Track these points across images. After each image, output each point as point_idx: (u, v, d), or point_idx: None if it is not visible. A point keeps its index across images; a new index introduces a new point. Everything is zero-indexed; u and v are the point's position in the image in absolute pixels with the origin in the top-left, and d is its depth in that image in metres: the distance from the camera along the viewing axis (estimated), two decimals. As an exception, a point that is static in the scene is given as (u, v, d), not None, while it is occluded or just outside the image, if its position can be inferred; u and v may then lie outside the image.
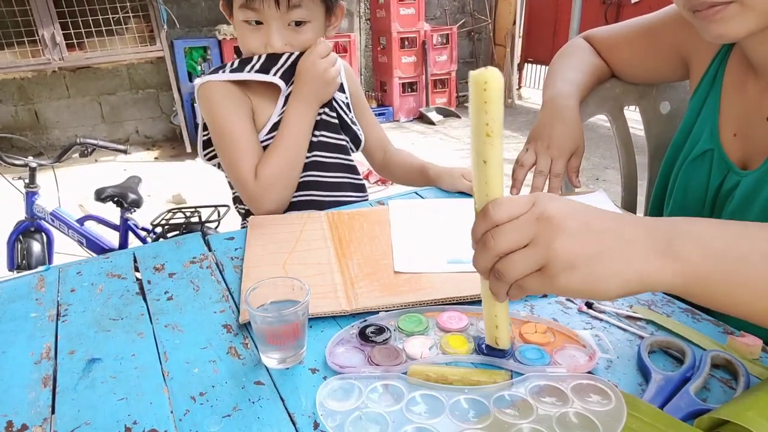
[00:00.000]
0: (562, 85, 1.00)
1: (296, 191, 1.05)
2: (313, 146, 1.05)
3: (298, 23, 0.97)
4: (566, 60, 1.07)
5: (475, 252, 0.49)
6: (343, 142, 1.10)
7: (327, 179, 1.08)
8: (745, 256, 0.44)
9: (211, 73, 1.02)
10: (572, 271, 0.44)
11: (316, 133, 1.05)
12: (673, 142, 0.96)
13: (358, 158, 1.18)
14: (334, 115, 1.08)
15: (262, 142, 1.03)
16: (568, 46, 1.12)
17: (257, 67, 0.99)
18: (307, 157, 1.05)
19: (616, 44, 1.07)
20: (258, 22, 0.97)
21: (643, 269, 0.44)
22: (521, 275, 0.46)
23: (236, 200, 1.15)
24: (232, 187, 1.13)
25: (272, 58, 0.99)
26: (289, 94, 1.02)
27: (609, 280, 0.44)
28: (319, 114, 1.05)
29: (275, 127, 1.02)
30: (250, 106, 1.03)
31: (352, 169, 1.12)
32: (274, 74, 1.00)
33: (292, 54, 1.00)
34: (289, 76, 1.01)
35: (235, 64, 1.01)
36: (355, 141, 1.14)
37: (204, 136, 1.09)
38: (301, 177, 1.05)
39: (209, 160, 1.12)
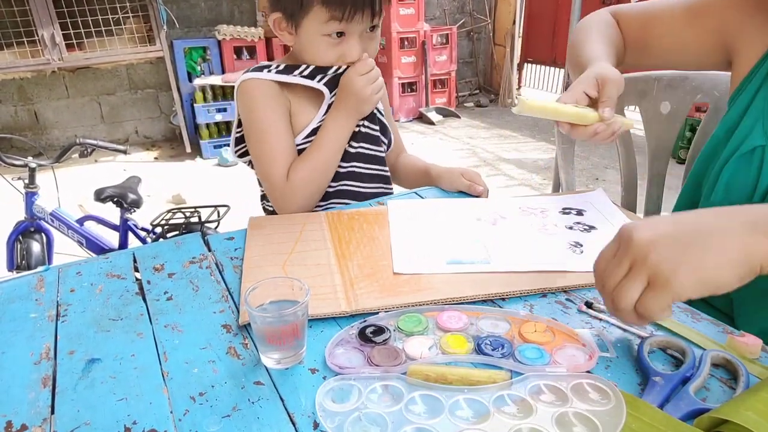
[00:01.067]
0: (597, 56, 0.91)
1: (333, 199, 1.06)
2: (352, 157, 1.05)
3: (373, 28, 0.97)
4: (592, 34, 0.99)
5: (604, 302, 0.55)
6: (382, 154, 1.11)
7: (364, 190, 1.09)
8: None
9: (254, 71, 1.02)
10: (680, 271, 0.45)
11: (355, 144, 1.05)
12: (713, 136, 0.90)
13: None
14: (376, 127, 1.09)
15: (298, 145, 1.03)
16: (592, 19, 1.04)
17: (305, 73, 1.00)
18: (345, 168, 1.05)
19: (651, 20, 0.98)
20: (339, 34, 0.95)
21: (743, 246, 0.45)
22: (634, 299, 0.48)
23: (264, 197, 1.15)
24: (261, 184, 1.13)
25: (320, 68, 1.00)
26: (332, 103, 1.02)
27: (718, 264, 0.45)
28: (360, 126, 1.05)
29: (314, 132, 1.03)
30: (289, 108, 1.03)
31: (387, 180, 1.13)
32: (319, 81, 1.00)
33: (340, 66, 1.00)
34: (333, 85, 1.01)
35: (281, 67, 1.01)
36: (389, 142, 1.15)
37: (237, 132, 1.09)
38: (338, 186, 1.06)
39: (240, 156, 1.12)
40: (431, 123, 5.17)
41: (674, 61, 1.01)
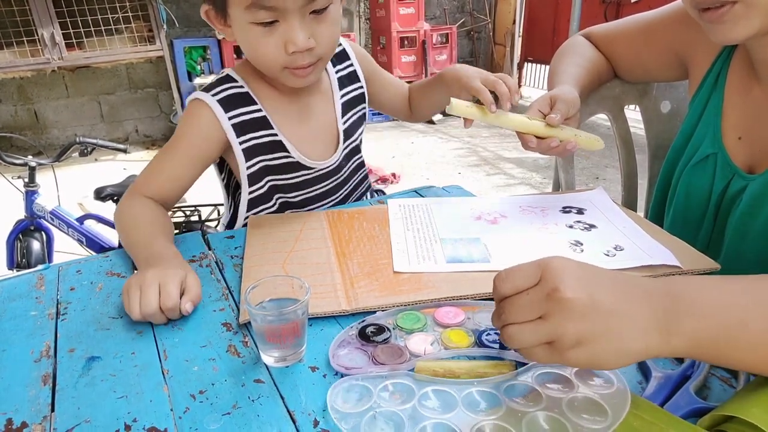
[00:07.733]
0: (562, 80, 1.00)
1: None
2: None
3: (319, 11, 0.83)
4: (565, 58, 1.06)
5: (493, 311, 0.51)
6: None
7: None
8: (744, 323, 0.45)
9: (210, 89, 0.93)
10: (580, 348, 0.45)
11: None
12: (673, 145, 0.95)
13: (373, 165, 1.16)
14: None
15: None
16: (567, 44, 1.12)
17: (248, 116, 0.94)
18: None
19: (614, 39, 1.06)
20: (269, 22, 0.81)
21: (647, 345, 0.45)
22: (530, 346, 0.47)
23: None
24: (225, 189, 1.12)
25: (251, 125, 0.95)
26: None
27: (613, 355, 0.46)
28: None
29: None
30: (212, 156, 0.99)
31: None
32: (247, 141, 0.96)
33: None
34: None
35: (236, 90, 0.93)
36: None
37: None
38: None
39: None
40: (431, 122, 5.17)
41: (640, 77, 1.09)
